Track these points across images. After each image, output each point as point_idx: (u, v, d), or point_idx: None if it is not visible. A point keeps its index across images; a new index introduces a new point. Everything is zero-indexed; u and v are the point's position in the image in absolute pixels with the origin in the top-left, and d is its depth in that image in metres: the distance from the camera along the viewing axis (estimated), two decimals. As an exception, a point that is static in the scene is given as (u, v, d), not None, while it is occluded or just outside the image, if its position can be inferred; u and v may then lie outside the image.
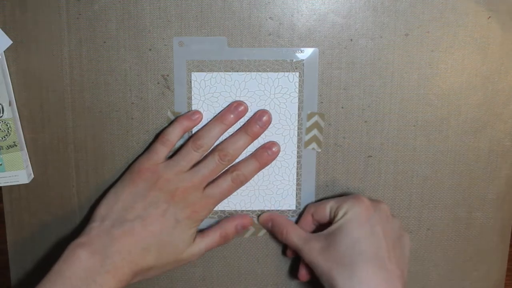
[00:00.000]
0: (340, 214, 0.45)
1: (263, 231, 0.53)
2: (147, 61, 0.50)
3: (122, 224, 0.45)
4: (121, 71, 0.50)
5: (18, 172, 0.51)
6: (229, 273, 0.54)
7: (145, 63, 0.50)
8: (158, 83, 0.51)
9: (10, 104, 0.50)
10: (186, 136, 0.50)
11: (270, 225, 0.51)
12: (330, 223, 0.47)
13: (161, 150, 0.48)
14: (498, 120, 0.52)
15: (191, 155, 0.48)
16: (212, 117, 0.51)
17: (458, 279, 0.55)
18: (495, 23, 0.50)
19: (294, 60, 0.50)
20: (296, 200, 0.53)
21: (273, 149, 0.50)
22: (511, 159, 0.53)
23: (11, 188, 0.52)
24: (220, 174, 0.49)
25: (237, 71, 0.50)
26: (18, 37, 0.50)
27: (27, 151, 0.52)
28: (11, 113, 0.50)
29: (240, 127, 0.50)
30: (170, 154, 0.50)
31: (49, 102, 0.51)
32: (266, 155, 0.50)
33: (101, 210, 0.47)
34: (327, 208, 0.47)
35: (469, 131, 0.52)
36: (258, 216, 0.53)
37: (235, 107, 0.50)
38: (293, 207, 0.53)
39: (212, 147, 0.49)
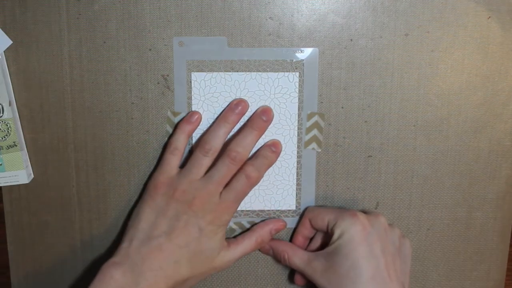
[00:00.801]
0: (337, 233, 0.46)
1: (263, 231, 0.53)
2: (147, 61, 0.50)
3: (149, 241, 0.46)
4: (121, 71, 0.50)
5: (18, 172, 0.51)
6: (229, 273, 0.54)
7: (145, 63, 0.50)
8: (158, 83, 0.51)
9: (10, 104, 0.50)
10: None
11: (271, 252, 0.52)
12: (327, 232, 0.48)
13: (172, 160, 0.49)
14: (498, 120, 0.52)
15: (202, 161, 0.47)
16: (212, 117, 0.51)
17: (458, 279, 0.55)
18: (495, 23, 0.50)
19: (294, 60, 0.50)
20: (296, 200, 0.53)
21: (277, 146, 0.50)
22: (511, 159, 0.53)
23: (11, 188, 0.52)
24: (234, 176, 0.48)
25: (237, 71, 0.50)
26: (18, 37, 0.50)
27: (27, 151, 0.52)
28: (11, 113, 0.50)
29: (245, 125, 0.50)
30: (182, 161, 0.50)
31: (49, 102, 0.51)
32: (270, 151, 0.50)
33: (128, 231, 0.47)
34: (325, 220, 0.48)
35: (469, 131, 0.52)
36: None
37: (235, 105, 0.49)
38: (293, 207, 0.53)
39: (220, 148, 0.48)
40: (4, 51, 0.50)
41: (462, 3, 0.49)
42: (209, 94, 0.51)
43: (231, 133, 0.50)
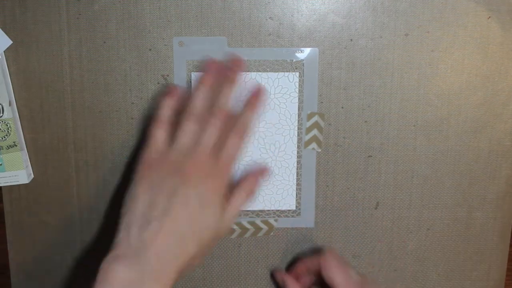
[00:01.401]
0: None
1: (263, 231, 0.53)
2: (147, 61, 0.50)
3: (149, 224, 0.42)
4: (121, 71, 0.50)
5: (18, 172, 0.51)
6: (229, 273, 0.54)
7: (145, 63, 0.50)
8: (158, 83, 0.51)
9: (10, 104, 0.50)
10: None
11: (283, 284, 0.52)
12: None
13: (159, 135, 0.46)
14: (498, 120, 0.52)
15: (188, 127, 0.45)
16: (212, 117, 0.51)
17: (458, 279, 0.55)
18: (495, 23, 0.50)
19: (294, 60, 0.50)
20: (296, 200, 0.53)
21: (259, 90, 0.48)
22: (511, 159, 0.53)
23: (11, 188, 0.52)
24: (223, 134, 0.46)
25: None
26: (18, 37, 0.50)
27: (27, 151, 0.52)
28: (11, 113, 0.50)
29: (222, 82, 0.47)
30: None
31: (49, 102, 0.51)
32: (254, 98, 0.48)
33: (124, 218, 0.43)
34: (325, 276, 0.48)
35: (469, 131, 0.52)
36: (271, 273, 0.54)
37: (209, 66, 0.47)
38: (293, 207, 0.53)
39: (204, 112, 0.46)
40: (4, 51, 0.50)
41: (462, 3, 0.49)
42: (209, 94, 0.51)
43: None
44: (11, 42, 0.50)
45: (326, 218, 0.53)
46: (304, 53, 0.50)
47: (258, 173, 0.48)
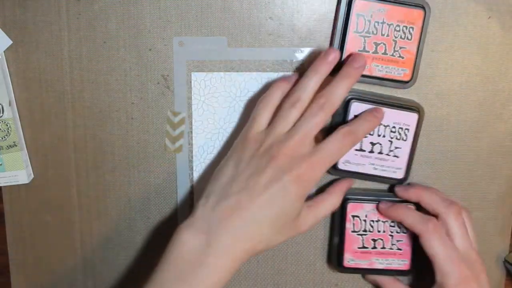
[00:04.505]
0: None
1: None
2: (147, 61, 0.50)
3: (227, 198, 0.41)
4: (121, 71, 0.50)
5: (18, 172, 0.51)
6: (229, 273, 0.54)
7: (145, 63, 0.50)
8: (158, 83, 0.51)
9: (10, 104, 0.50)
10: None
11: (375, 284, 0.53)
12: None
13: (262, 117, 0.45)
14: (498, 120, 0.52)
15: (289, 113, 0.43)
16: (212, 117, 0.51)
17: (458, 279, 0.55)
18: (495, 23, 0.50)
19: (294, 60, 0.50)
20: (296, 200, 0.53)
21: (379, 112, 0.46)
22: (511, 159, 0.52)
23: (11, 188, 0.52)
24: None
25: (237, 71, 0.50)
26: (18, 37, 0.50)
27: (27, 151, 0.52)
28: (11, 113, 0.50)
29: (336, 74, 0.45)
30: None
31: (49, 102, 0.51)
32: (374, 116, 0.46)
33: (208, 186, 0.43)
34: (424, 246, 0.46)
35: (469, 131, 0.52)
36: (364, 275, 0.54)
37: (326, 54, 0.44)
38: (293, 207, 0.53)
39: (309, 100, 0.44)
40: (4, 51, 0.50)
41: (462, 3, 0.49)
42: (209, 94, 0.51)
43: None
44: (11, 42, 0.50)
45: (326, 218, 0.53)
46: (304, 53, 0.50)
47: (345, 185, 0.48)
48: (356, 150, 0.49)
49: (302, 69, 0.50)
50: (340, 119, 0.48)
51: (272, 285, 0.55)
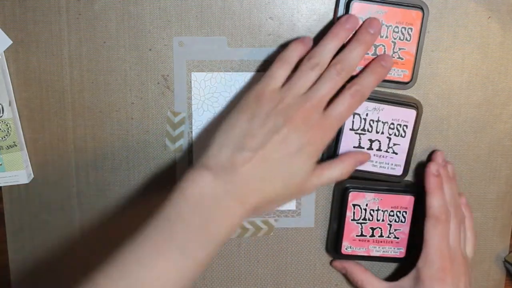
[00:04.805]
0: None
1: (263, 231, 0.53)
2: (147, 61, 0.50)
3: (241, 151, 0.42)
4: (121, 71, 0.50)
5: (18, 172, 0.51)
6: (229, 273, 0.54)
7: (145, 63, 0.50)
8: (158, 83, 0.51)
9: (10, 104, 0.50)
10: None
11: (344, 272, 0.53)
12: None
13: (278, 75, 0.45)
14: (498, 120, 0.52)
15: (308, 75, 0.44)
16: (212, 116, 0.51)
17: (458, 279, 0.55)
18: (495, 23, 0.50)
19: (294, 60, 0.50)
20: (296, 200, 0.53)
21: (387, 61, 0.47)
22: (511, 159, 0.53)
23: (11, 188, 0.52)
24: (338, 93, 0.45)
25: (237, 71, 0.50)
26: (18, 37, 0.50)
27: (27, 151, 0.52)
28: (11, 113, 0.50)
29: (351, 38, 0.46)
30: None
31: (49, 102, 0.51)
32: (380, 66, 0.46)
33: (217, 138, 0.43)
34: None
35: (469, 131, 0.52)
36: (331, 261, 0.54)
37: (345, 20, 0.45)
38: (293, 207, 0.53)
39: (327, 63, 0.44)
40: (4, 51, 0.50)
41: (462, 3, 0.49)
42: (209, 94, 0.51)
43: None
44: (11, 42, 0.50)
45: (326, 218, 0.53)
46: (304, 53, 0.50)
47: (358, 159, 0.48)
48: (355, 147, 0.49)
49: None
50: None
51: (272, 285, 0.55)
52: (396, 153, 0.49)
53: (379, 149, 0.49)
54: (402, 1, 0.47)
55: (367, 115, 0.48)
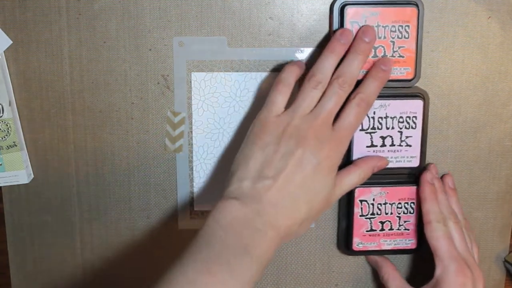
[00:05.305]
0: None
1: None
2: (147, 61, 0.50)
3: (262, 180, 0.42)
4: (121, 71, 0.50)
5: (18, 172, 0.51)
6: (229, 273, 0.54)
7: (145, 63, 0.50)
8: (158, 83, 0.51)
9: (10, 104, 0.50)
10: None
11: (375, 265, 0.53)
12: None
13: (280, 100, 0.45)
14: (498, 120, 0.52)
15: (312, 94, 0.44)
16: (212, 117, 0.51)
17: (458, 279, 0.55)
18: (495, 23, 0.50)
19: (294, 60, 0.50)
20: (296, 200, 0.53)
21: (387, 64, 0.47)
22: (511, 159, 0.53)
23: (11, 188, 0.52)
24: (344, 105, 0.45)
25: (237, 71, 0.50)
26: (18, 37, 0.50)
27: (27, 151, 0.52)
28: (11, 113, 0.50)
29: (348, 50, 0.46)
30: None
31: (49, 102, 0.51)
32: (381, 70, 0.47)
33: (235, 173, 0.44)
34: (429, 240, 0.48)
35: (469, 131, 0.52)
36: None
37: (340, 35, 0.46)
38: (293, 207, 0.53)
39: (329, 80, 0.45)
40: (4, 51, 0.50)
41: (462, 3, 0.49)
42: (209, 94, 0.51)
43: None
44: (11, 42, 0.50)
45: (326, 218, 0.53)
46: (304, 53, 0.50)
47: (377, 163, 0.48)
48: (368, 146, 0.49)
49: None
50: None
51: (272, 285, 0.55)
52: (410, 145, 0.49)
53: (392, 145, 0.49)
54: (396, 0, 0.47)
55: (374, 113, 0.49)
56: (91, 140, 0.52)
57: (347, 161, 0.49)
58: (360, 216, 0.51)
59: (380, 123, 0.49)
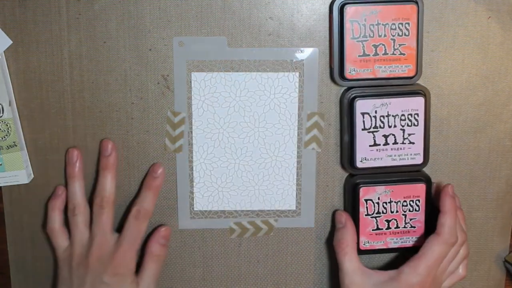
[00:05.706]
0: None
1: (263, 231, 0.53)
2: (147, 61, 0.50)
3: None
4: (121, 71, 0.50)
5: (18, 172, 0.51)
6: (229, 273, 0.54)
7: (145, 63, 0.50)
8: (158, 83, 0.51)
9: (10, 104, 0.50)
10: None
11: (341, 224, 0.50)
12: None
13: (58, 241, 0.50)
14: (498, 120, 0.52)
15: (75, 220, 0.49)
16: (212, 117, 0.51)
17: (458, 279, 0.55)
18: (495, 23, 0.50)
19: (294, 60, 0.50)
20: (296, 200, 0.53)
21: (158, 172, 0.51)
22: (511, 159, 0.53)
23: (11, 188, 0.52)
24: (123, 220, 0.50)
25: (237, 71, 0.50)
26: (18, 37, 0.50)
27: (27, 151, 0.52)
28: (11, 113, 0.50)
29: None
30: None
31: (49, 102, 0.51)
32: (152, 179, 0.51)
33: None
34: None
35: (469, 131, 0.52)
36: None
37: (70, 160, 0.51)
38: (293, 207, 0.53)
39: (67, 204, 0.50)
40: (4, 51, 0.50)
41: (462, 3, 0.49)
42: (209, 94, 0.51)
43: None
44: (11, 42, 0.50)
45: (326, 218, 0.53)
46: (304, 53, 0.50)
47: (159, 235, 0.51)
48: (371, 146, 0.49)
49: (301, 69, 0.50)
50: (348, 117, 0.49)
51: (272, 285, 0.55)
52: (413, 143, 0.49)
53: (395, 143, 0.49)
54: None
55: (376, 112, 0.49)
56: (91, 140, 0.52)
57: (351, 165, 0.49)
58: (366, 215, 0.51)
59: (382, 122, 0.49)
